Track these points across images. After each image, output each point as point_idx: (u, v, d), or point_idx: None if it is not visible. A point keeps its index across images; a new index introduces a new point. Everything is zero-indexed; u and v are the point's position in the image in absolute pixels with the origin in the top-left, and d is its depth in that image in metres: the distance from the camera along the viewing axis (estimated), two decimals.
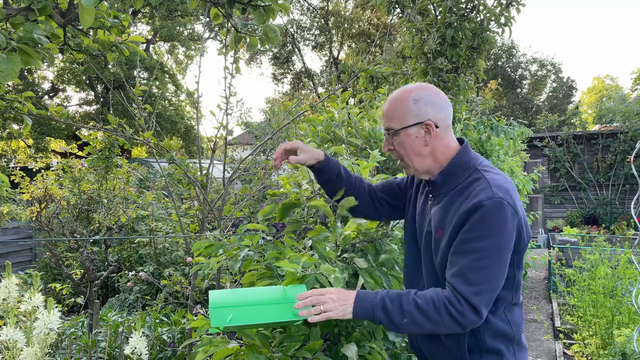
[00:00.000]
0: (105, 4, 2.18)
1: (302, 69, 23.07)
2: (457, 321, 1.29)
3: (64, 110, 2.49)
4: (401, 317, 1.32)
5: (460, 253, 1.33)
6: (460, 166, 1.46)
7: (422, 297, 1.33)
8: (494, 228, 1.31)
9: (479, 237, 1.31)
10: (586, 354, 4.29)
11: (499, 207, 1.31)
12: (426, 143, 1.45)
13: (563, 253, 6.23)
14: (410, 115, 1.44)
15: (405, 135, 1.46)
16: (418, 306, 1.31)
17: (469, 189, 1.40)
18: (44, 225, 4.22)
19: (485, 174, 1.41)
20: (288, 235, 1.91)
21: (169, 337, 3.48)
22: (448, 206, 1.43)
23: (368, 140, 2.71)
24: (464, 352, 1.40)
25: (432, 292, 1.34)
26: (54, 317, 1.47)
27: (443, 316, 1.30)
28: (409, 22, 4.88)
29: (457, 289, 1.30)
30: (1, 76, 1.41)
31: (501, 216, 1.31)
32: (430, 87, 1.49)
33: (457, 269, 1.32)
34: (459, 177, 1.45)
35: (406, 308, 1.32)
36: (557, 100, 22.94)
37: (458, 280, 1.30)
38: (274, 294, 1.43)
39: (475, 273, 1.29)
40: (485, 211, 1.31)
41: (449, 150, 1.48)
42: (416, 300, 1.33)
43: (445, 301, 1.30)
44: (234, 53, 2.51)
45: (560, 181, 12.44)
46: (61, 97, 19.19)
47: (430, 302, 1.31)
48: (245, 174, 3.87)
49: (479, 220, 1.31)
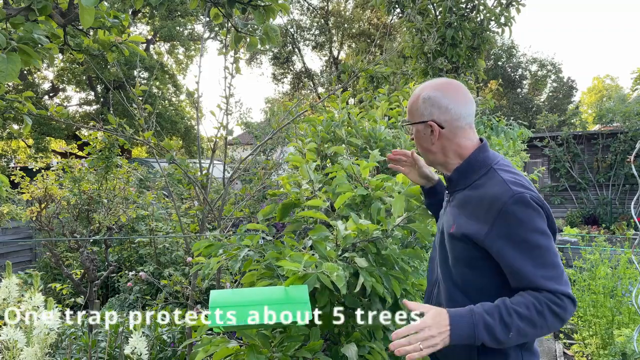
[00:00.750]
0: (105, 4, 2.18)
1: (302, 69, 23.07)
2: (561, 318, 1.27)
3: (64, 110, 2.49)
4: (506, 332, 1.26)
5: (522, 258, 1.29)
6: (475, 164, 1.46)
7: (520, 304, 1.27)
8: (534, 220, 1.31)
9: (527, 234, 1.30)
10: (586, 354, 4.29)
11: (526, 200, 1.31)
12: (432, 141, 1.49)
13: (563, 253, 6.23)
14: (418, 113, 1.50)
15: (415, 131, 1.53)
16: (520, 315, 1.26)
17: (483, 187, 1.40)
18: (44, 225, 4.23)
19: (501, 173, 1.40)
20: (288, 235, 1.91)
21: (169, 337, 3.48)
22: (463, 204, 1.44)
23: (368, 140, 2.71)
24: (473, 354, 1.39)
25: (529, 297, 1.28)
26: (54, 317, 1.47)
27: (548, 319, 1.27)
28: (409, 22, 4.89)
29: (551, 289, 1.27)
30: (1, 76, 1.41)
31: (531, 207, 1.31)
32: (446, 87, 1.49)
33: (532, 272, 1.28)
34: (473, 175, 1.45)
35: (508, 321, 1.25)
36: (557, 100, 22.94)
37: (545, 282, 1.27)
38: (274, 294, 1.42)
39: (552, 267, 1.29)
40: (517, 209, 1.30)
41: (463, 149, 1.48)
42: (516, 309, 1.26)
43: (547, 302, 1.26)
44: (234, 53, 2.51)
45: (560, 181, 12.44)
46: (61, 97, 19.20)
47: (532, 308, 1.26)
48: (245, 174, 3.87)
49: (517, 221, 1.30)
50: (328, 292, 1.59)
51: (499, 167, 1.43)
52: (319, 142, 2.67)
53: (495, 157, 1.48)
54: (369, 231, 1.63)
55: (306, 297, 1.39)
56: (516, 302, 1.27)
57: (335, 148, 2.33)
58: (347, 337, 1.67)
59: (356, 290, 1.52)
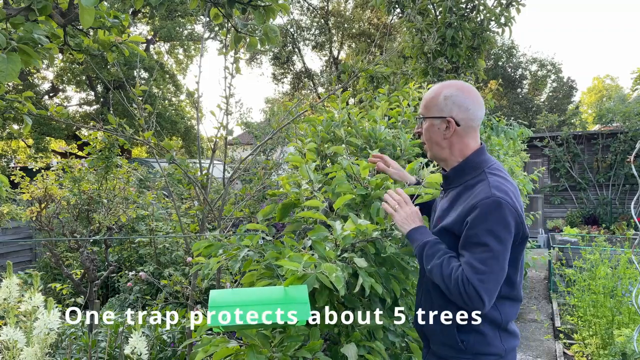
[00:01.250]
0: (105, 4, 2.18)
1: (302, 69, 23.06)
2: (462, 298, 1.46)
3: (64, 110, 2.49)
4: (427, 263, 1.54)
5: (468, 246, 1.48)
6: (471, 165, 1.61)
7: (449, 262, 1.50)
8: (495, 224, 1.45)
9: (483, 232, 1.45)
10: (586, 354, 4.29)
11: (496, 205, 1.46)
12: (445, 137, 1.62)
13: (563, 253, 6.23)
14: (437, 108, 1.62)
15: (430, 124, 1.64)
16: (441, 265, 1.50)
17: (473, 188, 1.55)
18: (44, 225, 4.23)
19: (490, 176, 1.56)
20: (288, 235, 1.91)
21: (169, 337, 3.48)
22: (453, 201, 1.61)
23: (368, 140, 2.70)
24: (453, 330, 1.58)
25: (456, 264, 1.49)
26: (54, 317, 1.47)
27: (452, 287, 1.47)
28: (409, 22, 4.88)
29: (469, 277, 1.44)
30: (1, 76, 1.41)
31: (499, 213, 1.46)
32: (467, 89, 1.63)
33: (465, 259, 1.48)
34: (467, 176, 1.61)
35: (436, 262, 1.51)
36: (557, 100, 22.93)
37: (466, 268, 1.46)
38: (274, 294, 1.42)
39: (483, 266, 1.44)
40: (484, 209, 1.46)
41: (466, 149, 1.63)
42: (444, 260, 1.51)
43: (460, 279, 1.45)
44: (234, 53, 2.51)
45: (560, 181, 12.43)
46: (61, 97, 19.19)
47: (450, 269, 1.48)
48: (245, 174, 3.87)
49: (480, 218, 1.46)
50: (327, 292, 1.59)
51: (490, 170, 1.58)
52: (318, 142, 2.67)
53: (488, 161, 1.63)
54: (368, 231, 1.63)
55: (306, 297, 1.39)
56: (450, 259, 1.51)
57: (335, 148, 2.33)
58: (347, 337, 1.67)
59: (355, 291, 1.52)
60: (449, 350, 1.62)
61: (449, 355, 1.63)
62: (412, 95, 3.30)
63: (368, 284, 1.51)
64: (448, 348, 1.62)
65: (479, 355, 1.59)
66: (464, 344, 1.58)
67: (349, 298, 1.72)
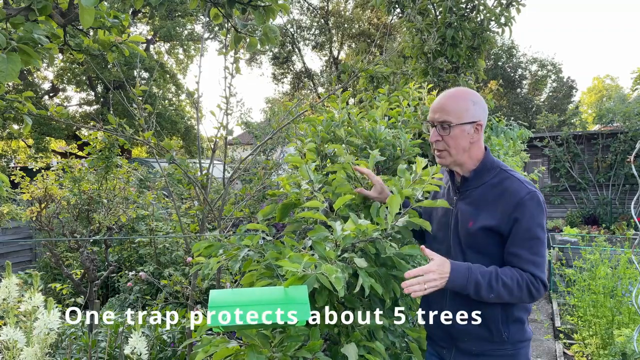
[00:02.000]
0: (105, 4, 2.18)
1: (302, 69, 23.06)
2: (534, 296, 1.58)
3: (64, 110, 2.48)
4: (489, 293, 1.56)
5: (523, 242, 1.59)
6: (488, 166, 1.73)
7: (507, 275, 1.57)
8: (541, 216, 1.61)
9: (533, 227, 1.59)
10: (586, 354, 4.29)
11: (538, 199, 1.62)
12: (472, 140, 1.71)
13: (563, 253, 6.23)
14: (468, 114, 1.69)
15: (460, 131, 1.68)
16: (505, 284, 1.56)
17: (501, 186, 1.67)
18: (44, 225, 4.22)
19: (511, 172, 1.70)
20: (288, 235, 1.90)
21: (169, 337, 3.48)
22: (480, 200, 1.69)
23: (368, 140, 2.70)
24: (497, 324, 1.66)
25: (515, 273, 1.58)
26: (54, 317, 1.47)
27: (524, 293, 1.57)
28: (409, 22, 4.88)
29: (534, 273, 1.57)
30: (1, 76, 1.41)
31: (542, 206, 1.63)
32: (479, 96, 1.76)
33: (524, 257, 1.58)
34: (486, 176, 1.72)
35: (494, 286, 1.55)
36: (557, 100, 22.92)
37: (529, 267, 1.58)
38: (274, 295, 1.42)
39: (540, 257, 1.59)
40: (530, 205, 1.59)
41: (480, 151, 1.74)
42: (503, 279, 1.56)
43: (527, 281, 1.57)
44: (234, 53, 2.51)
45: (560, 181, 12.43)
46: (61, 97, 19.19)
47: (514, 281, 1.56)
48: (245, 174, 3.87)
49: (529, 213, 1.59)
50: (327, 292, 1.59)
51: (505, 169, 1.73)
52: (319, 142, 2.66)
53: (499, 161, 1.77)
54: (368, 232, 1.63)
55: (306, 297, 1.39)
56: (504, 273, 1.58)
57: (335, 147, 2.32)
58: (347, 337, 1.67)
59: (356, 291, 1.52)
60: (487, 345, 1.69)
61: (488, 349, 1.69)
62: (412, 95, 3.29)
63: (368, 284, 1.51)
64: (486, 342, 1.69)
65: (518, 342, 1.69)
66: (506, 334, 1.66)
67: (349, 298, 1.72)
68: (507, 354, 1.69)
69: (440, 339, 1.82)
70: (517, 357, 1.70)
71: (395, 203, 1.68)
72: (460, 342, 1.74)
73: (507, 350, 1.68)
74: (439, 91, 4.32)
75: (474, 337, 1.70)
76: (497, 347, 1.68)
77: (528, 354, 1.74)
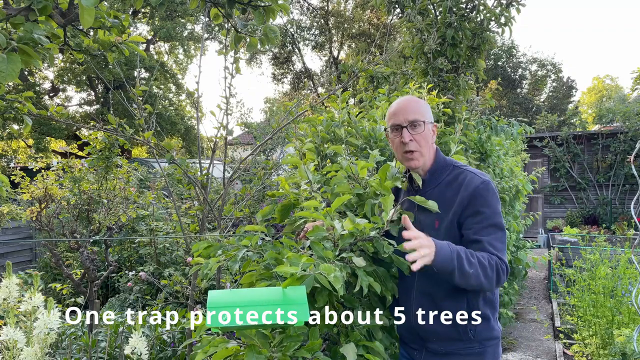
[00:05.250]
0: (105, 4, 2.18)
1: (302, 69, 23.05)
2: (500, 280, 1.59)
3: (64, 110, 2.49)
4: (469, 267, 1.54)
5: (482, 230, 1.62)
6: (442, 165, 1.78)
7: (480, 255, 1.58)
8: (497, 204, 1.67)
9: (491, 214, 1.64)
10: (586, 354, 4.29)
11: (493, 188, 1.68)
12: (432, 140, 1.79)
13: (563, 253, 6.23)
14: (429, 114, 1.78)
15: (428, 129, 1.76)
16: (480, 261, 1.56)
17: (456, 181, 1.72)
18: (44, 225, 4.22)
19: (465, 167, 1.76)
20: (287, 235, 1.90)
21: (169, 337, 3.48)
22: (439, 199, 1.69)
23: (368, 140, 2.70)
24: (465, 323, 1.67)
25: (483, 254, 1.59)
26: (54, 317, 1.47)
27: (494, 274, 1.57)
28: (409, 22, 4.88)
29: (500, 257, 1.59)
30: (1, 76, 1.41)
31: (496, 194, 1.69)
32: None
33: (486, 243, 1.61)
34: (441, 175, 1.76)
35: (472, 260, 1.55)
36: (557, 100, 22.92)
37: (492, 250, 1.60)
38: (272, 295, 1.42)
39: (501, 243, 1.63)
40: (484, 194, 1.65)
41: (434, 151, 1.81)
42: (477, 255, 1.57)
43: (497, 263, 1.58)
44: (234, 53, 2.51)
45: (560, 181, 12.43)
46: (61, 97, 19.19)
47: (486, 260, 1.57)
48: (245, 174, 3.87)
49: (484, 202, 1.64)
50: (327, 292, 1.59)
51: (458, 165, 1.78)
52: (319, 142, 2.67)
53: (451, 158, 1.83)
54: (366, 230, 1.63)
55: (304, 297, 1.39)
56: (477, 254, 1.58)
57: (335, 148, 2.33)
58: (347, 337, 1.67)
59: (356, 290, 1.52)
60: (455, 344, 1.70)
61: (455, 348, 1.70)
62: (412, 95, 3.30)
63: (366, 283, 1.51)
64: (455, 342, 1.70)
65: (485, 341, 1.71)
66: (472, 333, 1.68)
67: (349, 298, 1.72)
68: (474, 352, 1.70)
69: (410, 340, 1.83)
70: (484, 356, 1.71)
71: (389, 201, 1.69)
72: (429, 342, 1.75)
73: (474, 349, 1.70)
74: (439, 91, 4.33)
75: (442, 337, 1.71)
76: (464, 346, 1.69)
77: (496, 353, 1.75)
